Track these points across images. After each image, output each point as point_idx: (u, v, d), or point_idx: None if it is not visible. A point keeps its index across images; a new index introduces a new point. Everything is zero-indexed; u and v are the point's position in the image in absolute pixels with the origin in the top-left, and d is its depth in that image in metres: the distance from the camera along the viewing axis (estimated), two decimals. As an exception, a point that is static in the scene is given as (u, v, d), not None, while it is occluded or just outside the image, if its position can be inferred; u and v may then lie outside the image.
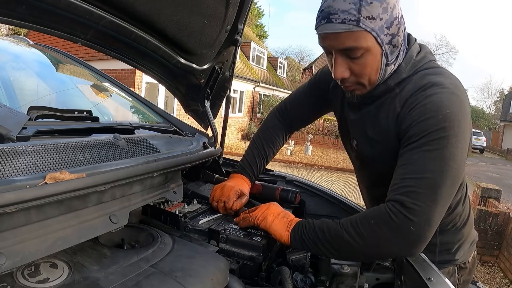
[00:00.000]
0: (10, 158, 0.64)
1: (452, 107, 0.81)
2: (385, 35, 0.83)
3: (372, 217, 0.81)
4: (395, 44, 0.86)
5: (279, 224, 0.93)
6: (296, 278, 0.92)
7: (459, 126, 0.81)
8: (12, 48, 1.65)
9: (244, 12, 1.19)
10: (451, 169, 0.79)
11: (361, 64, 0.85)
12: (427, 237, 0.79)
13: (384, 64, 0.87)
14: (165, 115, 1.60)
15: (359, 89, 0.92)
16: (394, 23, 0.83)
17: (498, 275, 3.70)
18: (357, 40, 0.81)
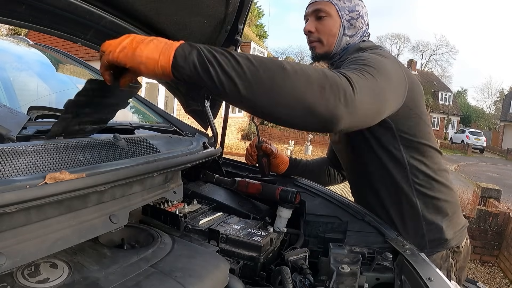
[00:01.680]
0: (10, 158, 0.64)
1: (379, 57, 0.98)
2: (345, 13, 1.16)
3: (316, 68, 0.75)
4: (353, 24, 1.17)
5: (147, 47, 0.67)
6: (295, 279, 0.92)
7: (385, 67, 0.92)
8: (12, 48, 1.65)
9: (244, 12, 1.19)
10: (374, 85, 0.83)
11: (323, 24, 1.17)
12: (358, 107, 0.74)
13: (341, 34, 1.17)
14: (165, 115, 1.60)
15: (318, 46, 1.20)
16: (355, 12, 1.16)
17: (498, 275, 3.70)
18: (324, 5, 1.16)
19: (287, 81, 0.67)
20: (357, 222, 1.10)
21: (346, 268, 0.87)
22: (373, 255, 0.96)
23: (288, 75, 0.68)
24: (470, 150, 22.41)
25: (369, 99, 0.79)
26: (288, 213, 1.17)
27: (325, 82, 0.71)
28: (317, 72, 0.72)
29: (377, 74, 0.86)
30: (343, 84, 0.73)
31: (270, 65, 0.68)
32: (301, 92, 0.68)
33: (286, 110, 0.69)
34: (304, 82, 0.69)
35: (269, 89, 0.67)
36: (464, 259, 1.19)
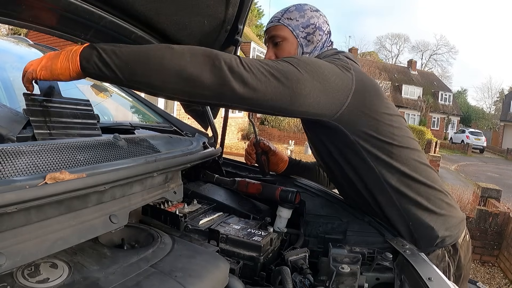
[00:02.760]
0: (10, 158, 0.64)
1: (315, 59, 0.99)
2: (300, 31, 1.13)
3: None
4: (310, 40, 1.14)
5: (54, 59, 0.77)
6: (295, 279, 0.92)
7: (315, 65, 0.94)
8: (12, 48, 1.65)
9: (244, 12, 1.19)
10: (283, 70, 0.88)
11: (281, 49, 1.14)
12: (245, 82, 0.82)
13: (301, 53, 1.14)
14: (165, 115, 1.60)
15: None
16: (310, 27, 1.13)
17: (498, 275, 3.70)
18: (277, 30, 1.14)
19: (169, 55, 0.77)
20: (357, 222, 1.10)
21: (346, 268, 0.87)
22: (373, 255, 0.96)
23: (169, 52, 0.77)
24: (470, 150, 22.42)
25: (265, 76, 0.85)
26: (288, 213, 1.17)
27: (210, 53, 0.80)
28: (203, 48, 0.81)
29: (296, 64, 0.90)
30: (229, 57, 0.81)
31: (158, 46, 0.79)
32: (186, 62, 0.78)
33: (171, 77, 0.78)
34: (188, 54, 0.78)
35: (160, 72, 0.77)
36: (465, 256, 1.14)
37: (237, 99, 0.84)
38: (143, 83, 0.78)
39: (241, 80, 0.82)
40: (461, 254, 1.14)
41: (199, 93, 0.81)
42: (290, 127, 16.52)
